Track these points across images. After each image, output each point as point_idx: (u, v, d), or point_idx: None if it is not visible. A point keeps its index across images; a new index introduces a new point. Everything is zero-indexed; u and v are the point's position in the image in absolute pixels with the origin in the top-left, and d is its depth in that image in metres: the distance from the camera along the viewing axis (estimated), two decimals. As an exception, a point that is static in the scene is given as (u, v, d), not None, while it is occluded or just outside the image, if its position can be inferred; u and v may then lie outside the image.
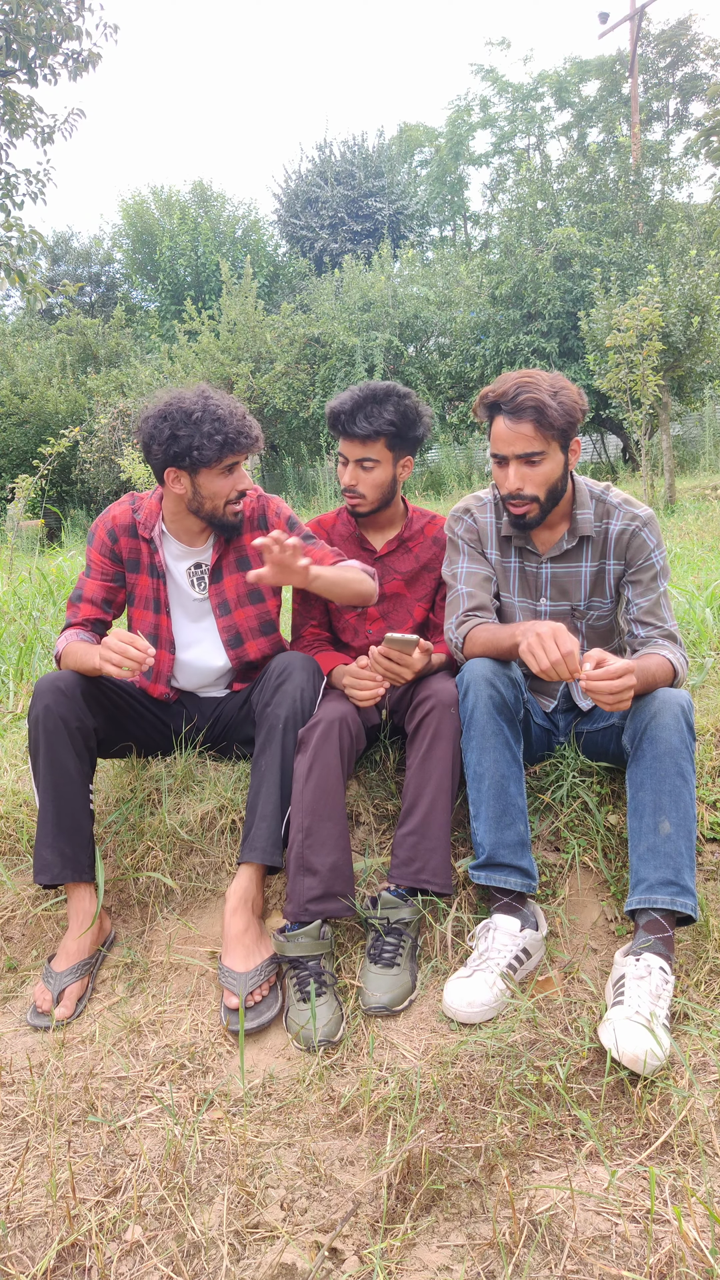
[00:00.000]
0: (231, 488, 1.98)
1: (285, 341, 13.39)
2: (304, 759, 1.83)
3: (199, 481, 1.96)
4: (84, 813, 1.88)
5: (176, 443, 1.90)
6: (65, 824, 1.85)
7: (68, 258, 25.35)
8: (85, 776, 1.89)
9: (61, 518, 12.54)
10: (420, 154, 26.29)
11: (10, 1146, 1.45)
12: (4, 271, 8.17)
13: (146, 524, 2.06)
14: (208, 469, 1.94)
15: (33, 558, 5.89)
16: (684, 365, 8.44)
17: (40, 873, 1.84)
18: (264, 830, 1.84)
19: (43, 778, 1.86)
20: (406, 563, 2.21)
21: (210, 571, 2.11)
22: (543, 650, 1.63)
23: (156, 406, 1.96)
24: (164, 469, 1.95)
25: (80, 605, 2.07)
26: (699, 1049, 1.53)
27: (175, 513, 2.05)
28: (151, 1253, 1.24)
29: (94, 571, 2.08)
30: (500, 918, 1.76)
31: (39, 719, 1.84)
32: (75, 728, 1.86)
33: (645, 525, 1.92)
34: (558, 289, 12.20)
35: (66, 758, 1.85)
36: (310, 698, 1.93)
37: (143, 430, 1.95)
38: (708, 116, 20.19)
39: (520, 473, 1.85)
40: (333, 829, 1.79)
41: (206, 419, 1.90)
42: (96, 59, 8.49)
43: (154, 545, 2.07)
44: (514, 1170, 1.33)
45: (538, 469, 1.85)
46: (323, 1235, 1.24)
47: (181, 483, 1.96)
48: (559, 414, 1.79)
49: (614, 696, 1.62)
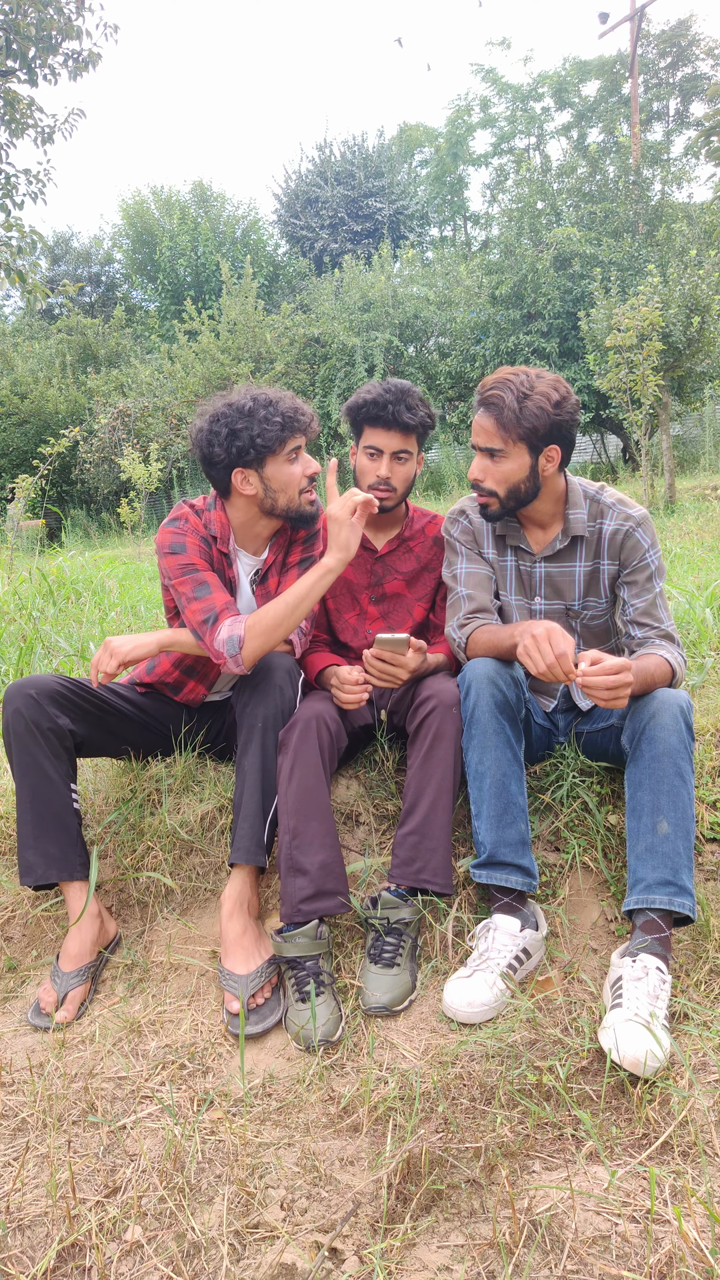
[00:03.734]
0: (301, 473, 1.95)
1: (285, 341, 13.39)
2: (285, 760, 1.83)
3: (267, 475, 1.92)
4: (68, 813, 1.87)
5: (238, 438, 1.86)
6: (47, 825, 1.84)
7: (68, 258, 25.35)
8: (65, 777, 1.88)
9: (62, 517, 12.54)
10: (420, 154, 26.29)
11: (10, 1146, 1.45)
12: (4, 271, 8.16)
13: (222, 537, 2.00)
14: (273, 457, 1.90)
15: (33, 558, 5.89)
16: (684, 365, 8.44)
17: (25, 874, 1.83)
18: (246, 831, 1.84)
19: (19, 781, 1.85)
20: (407, 562, 2.21)
21: (261, 574, 2.07)
22: (538, 653, 1.63)
23: (205, 417, 1.92)
24: (230, 472, 1.91)
25: (212, 596, 1.90)
26: (699, 1049, 1.53)
27: (246, 520, 2.00)
28: (151, 1253, 1.24)
29: (202, 567, 1.94)
30: (500, 918, 1.76)
31: (9, 724, 1.83)
32: (48, 729, 1.84)
33: (639, 525, 1.92)
34: (558, 289, 12.21)
35: (42, 760, 1.84)
36: (290, 696, 1.92)
37: (199, 440, 1.91)
38: (708, 116, 20.18)
39: (482, 465, 1.88)
40: (319, 828, 1.79)
41: (259, 407, 1.88)
42: (96, 59, 8.48)
43: (229, 559, 2.02)
44: (514, 1170, 1.33)
45: (498, 466, 1.86)
46: (323, 1235, 1.24)
47: (251, 482, 1.92)
48: (515, 417, 1.79)
49: (610, 693, 1.61)
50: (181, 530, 1.96)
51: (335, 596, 2.25)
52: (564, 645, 1.62)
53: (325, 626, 2.27)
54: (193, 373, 13.18)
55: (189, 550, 1.94)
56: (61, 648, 3.23)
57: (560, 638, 1.63)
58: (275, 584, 2.07)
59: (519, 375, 1.83)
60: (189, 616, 1.91)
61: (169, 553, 1.95)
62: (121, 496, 11.91)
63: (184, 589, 1.92)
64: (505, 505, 1.91)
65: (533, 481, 1.88)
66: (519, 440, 1.82)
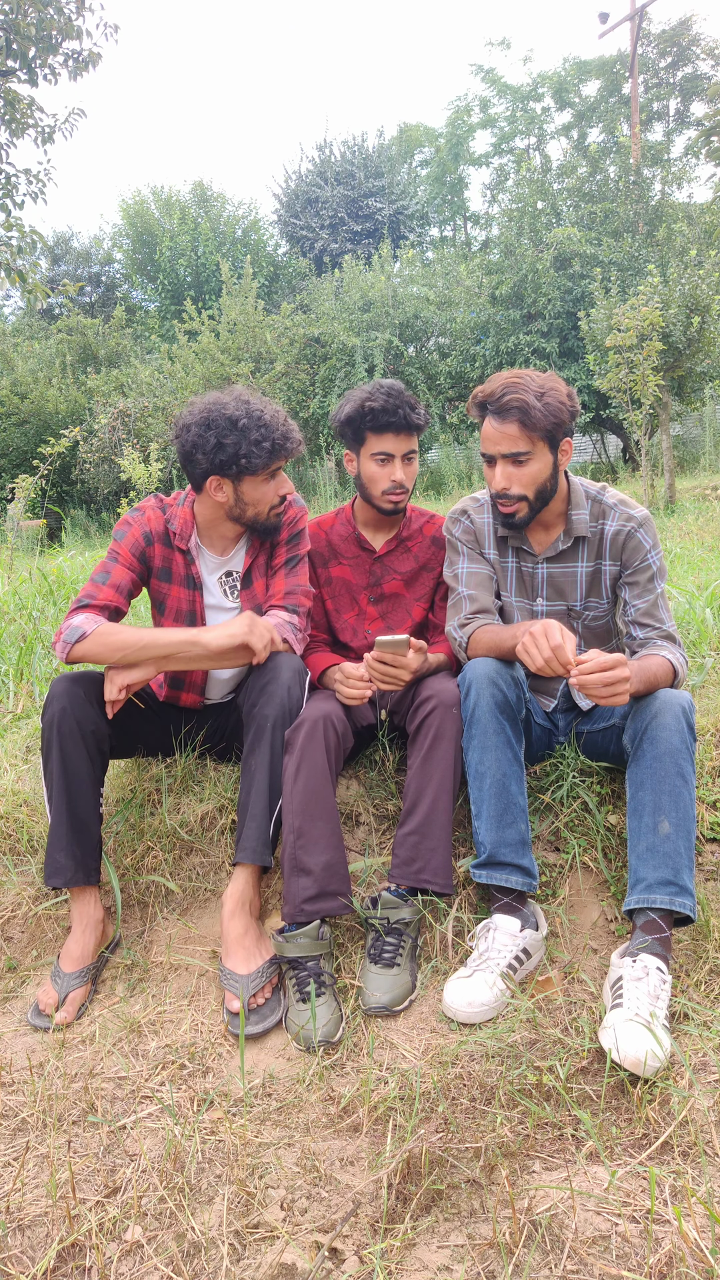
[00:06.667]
0: (274, 493, 1.96)
1: (285, 341, 13.38)
2: (291, 760, 1.83)
3: (242, 489, 1.92)
4: (94, 816, 1.87)
5: (223, 450, 1.86)
6: (78, 827, 1.84)
7: (68, 258, 25.35)
8: (97, 780, 1.88)
9: (62, 517, 12.54)
10: (420, 154, 26.29)
11: (10, 1146, 1.45)
12: (4, 271, 8.16)
13: (183, 534, 2.01)
14: (253, 476, 1.90)
15: (33, 558, 5.88)
16: (684, 365, 8.44)
17: (54, 875, 1.83)
18: (253, 830, 1.83)
19: (56, 781, 1.84)
20: (406, 562, 2.21)
21: (241, 578, 2.08)
22: (535, 648, 1.64)
23: (196, 415, 1.90)
24: (207, 478, 1.91)
25: (104, 588, 1.93)
26: (699, 1049, 1.53)
27: (211, 520, 2.01)
28: (151, 1253, 1.24)
29: (122, 562, 1.97)
30: (500, 918, 1.76)
31: (54, 721, 1.82)
32: (90, 730, 1.84)
33: (641, 526, 1.92)
34: (558, 289, 12.20)
35: (80, 761, 1.84)
36: (297, 697, 1.92)
37: (184, 439, 1.90)
38: (708, 116, 20.19)
39: (507, 472, 1.86)
40: (324, 828, 1.79)
41: (253, 426, 1.86)
42: (96, 59, 8.48)
43: (190, 557, 2.02)
44: (514, 1170, 1.33)
45: (524, 469, 1.85)
46: (323, 1235, 1.24)
47: (224, 491, 1.92)
48: (543, 415, 1.79)
49: (608, 689, 1.61)
50: (130, 521, 2.01)
51: (334, 597, 2.25)
52: (558, 638, 1.63)
53: (325, 627, 2.27)
54: (193, 373, 13.17)
55: (124, 540, 1.99)
56: (61, 648, 3.23)
57: (557, 631, 1.64)
58: (262, 587, 2.07)
59: (525, 377, 1.83)
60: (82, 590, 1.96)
61: (113, 536, 2.01)
62: (121, 496, 11.91)
63: (95, 570, 1.97)
64: (534, 508, 1.90)
65: (554, 479, 1.89)
66: (543, 439, 1.83)
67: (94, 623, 1.85)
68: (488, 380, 1.87)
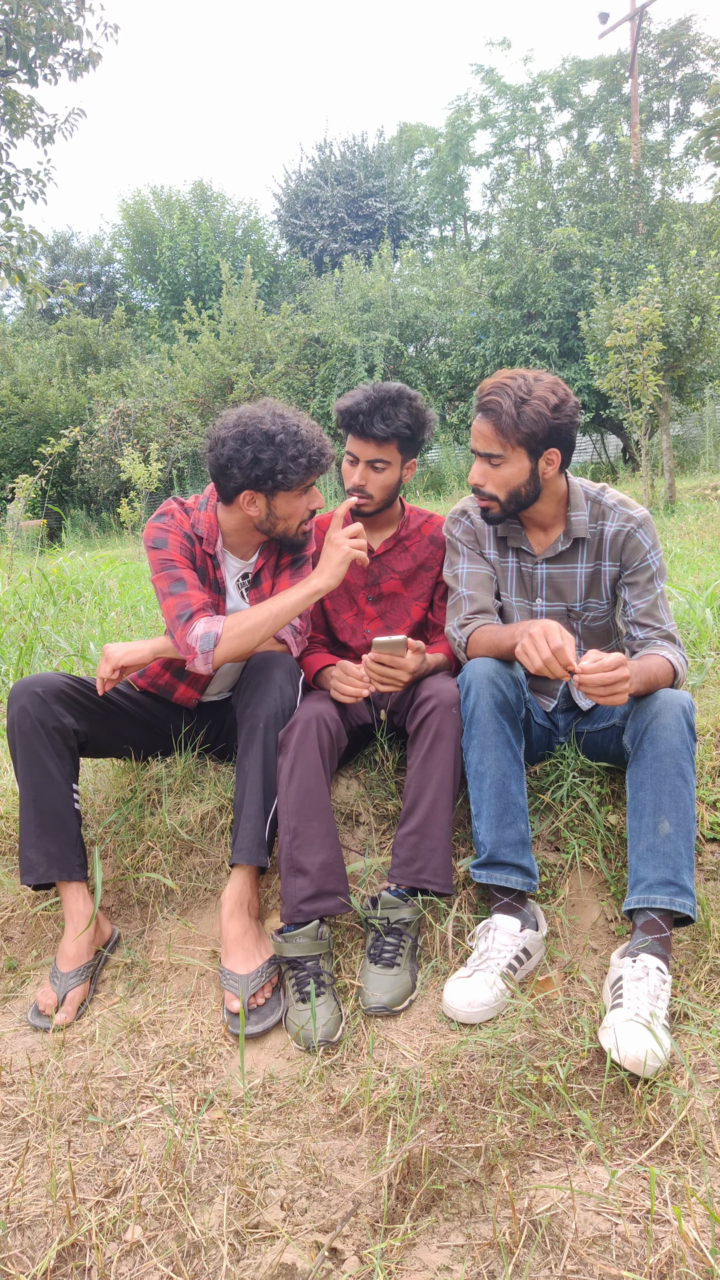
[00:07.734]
0: (306, 508, 1.96)
1: (285, 341, 13.39)
2: (285, 761, 1.83)
3: (275, 504, 1.91)
4: (69, 812, 1.87)
5: (259, 466, 1.84)
6: (48, 824, 1.84)
7: (68, 258, 25.35)
8: (68, 776, 1.88)
9: (62, 517, 12.55)
10: (420, 154, 26.28)
11: (10, 1146, 1.45)
12: (4, 271, 8.16)
13: (209, 539, 2.00)
14: (288, 491, 1.89)
15: (33, 558, 5.89)
16: (684, 365, 8.44)
17: (26, 873, 1.83)
18: (248, 831, 1.84)
19: (22, 779, 1.85)
20: (404, 562, 2.21)
21: (251, 578, 2.07)
22: (535, 650, 1.64)
23: (231, 428, 1.88)
24: (240, 492, 1.89)
25: (192, 592, 1.90)
26: (699, 1049, 1.53)
27: (238, 530, 2.00)
28: (151, 1253, 1.24)
29: (181, 566, 1.94)
30: (500, 918, 1.76)
31: (14, 722, 1.83)
32: (53, 728, 1.84)
33: (640, 526, 1.92)
34: (558, 289, 12.20)
35: (45, 759, 1.84)
36: (290, 696, 1.92)
37: (219, 453, 1.87)
38: (708, 116, 20.17)
39: (482, 469, 1.88)
40: (320, 828, 1.79)
41: (290, 442, 1.84)
42: (96, 59, 8.48)
43: (217, 561, 2.02)
44: (514, 1170, 1.33)
45: (497, 470, 1.86)
46: (323, 1235, 1.24)
47: (257, 504, 1.91)
48: (514, 423, 1.79)
49: (608, 689, 1.61)
50: (166, 526, 1.97)
51: (332, 597, 2.25)
52: (558, 640, 1.63)
53: (323, 627, 2.27)
54: (193, 373, 13.18)
55: (170, 546, 1.95)
56: (61, 648, 3.23)
57: (557, 632, 1.64)
58: (270, 587, 2.07)
59: (517, 379, 1.82)
60: (165, 611, 1.92)
61: (152, 547, 1.97)
62: (121, 496, 11.91)
63: (161, 584, 1.93)
64: (506, 509, 1.91)
65: (533, 485, 1.88)
66: (518, 445, 1.82)
67: (216, 623, 1.86)
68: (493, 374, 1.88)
